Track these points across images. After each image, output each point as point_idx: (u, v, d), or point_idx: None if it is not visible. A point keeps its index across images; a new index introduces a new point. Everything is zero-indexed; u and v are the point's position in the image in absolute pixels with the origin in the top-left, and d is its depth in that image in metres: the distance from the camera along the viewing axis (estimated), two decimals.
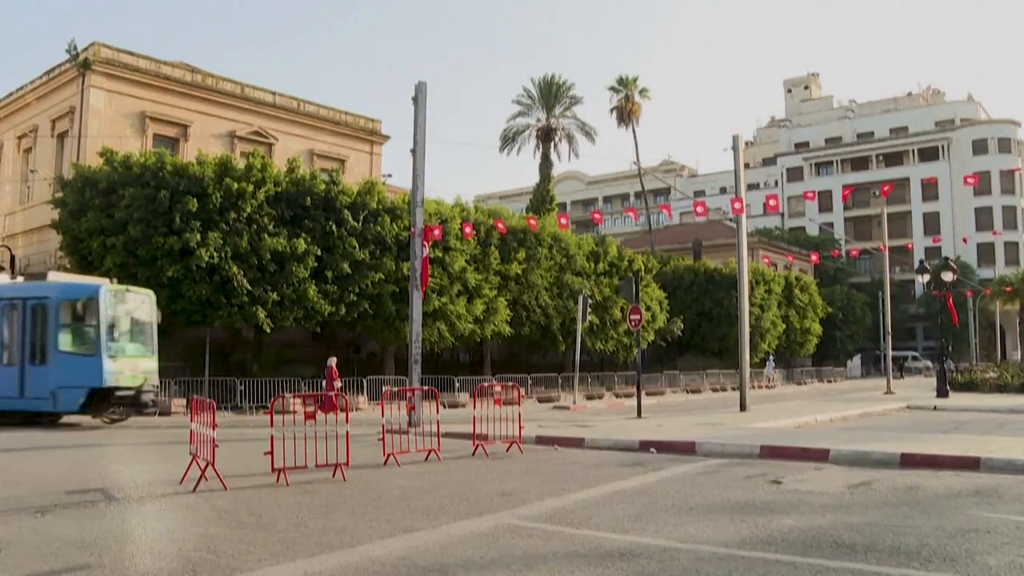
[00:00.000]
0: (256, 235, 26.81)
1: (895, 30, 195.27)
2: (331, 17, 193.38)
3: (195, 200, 25.71)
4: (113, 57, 34.90)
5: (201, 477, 10.61)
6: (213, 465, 10.53)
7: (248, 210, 26.82)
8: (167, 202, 25.62)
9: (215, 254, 25.67)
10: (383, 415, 13.98)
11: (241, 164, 27.99)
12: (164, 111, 36.26)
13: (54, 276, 22.85)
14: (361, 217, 29.43)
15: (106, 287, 21.52)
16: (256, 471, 11.67)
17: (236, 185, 26.52)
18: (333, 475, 11.48)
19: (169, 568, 6.58)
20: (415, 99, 21.40)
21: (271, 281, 26.70)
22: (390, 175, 42.64)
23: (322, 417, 16.51)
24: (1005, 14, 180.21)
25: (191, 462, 11.08)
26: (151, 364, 22.09)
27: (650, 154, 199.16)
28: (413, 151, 21.33)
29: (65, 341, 20.84)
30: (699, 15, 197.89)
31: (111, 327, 21.07)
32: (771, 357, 56.01)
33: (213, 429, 10.60)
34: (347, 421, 12.15)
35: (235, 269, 25.92)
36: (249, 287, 26.25)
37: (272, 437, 11.09)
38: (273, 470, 11.03)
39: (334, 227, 28.54)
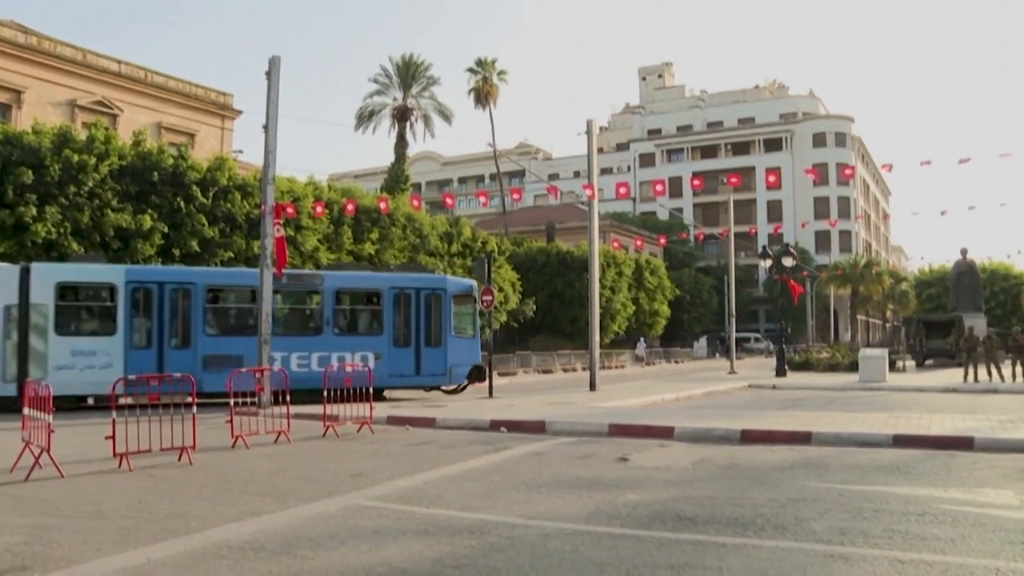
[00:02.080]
0: (99, 210, 25.59)
1: (746, 24, 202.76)
2: None
3: (31, 172, 24.22)
4: None
5: (35, 465, 10.10)
6: (48, 451, 10.03)
7: (90, 184, 25.53)
8: None
9: (53, 230, 24.34)
10: (231, 396, 13.66)
11: (83, 135, 26.67)
12: None
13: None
14: (211, 194, 28.52)
15: (474, 282, 26.42)
16: (96, 457, 11.20)
17: (77, 157, 25.19)
18: (179, 459, 11.17)
19: None
20: (268, 74, 20.79)
21: (114, 259, 25.55)
22: (241, 151, 41.50)
23: (167, 399, 15.95)
24: (843, 14, 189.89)
25: (23, 449, 10.53)
26: None
27: (507, 137, 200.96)
28: (265, 127, 20.71)
29: (456, 326, 24.56)
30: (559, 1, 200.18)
31: None
32: (642, 340, 57.90)
33: (48, 414, 10.11)
34: (193, 402, 11.81)
35: (75, 246, 24.69)
36: None
37: (114, 420, 10.68)
38: (115, 455, 10.63)
39: (182, 203, 27.57)
